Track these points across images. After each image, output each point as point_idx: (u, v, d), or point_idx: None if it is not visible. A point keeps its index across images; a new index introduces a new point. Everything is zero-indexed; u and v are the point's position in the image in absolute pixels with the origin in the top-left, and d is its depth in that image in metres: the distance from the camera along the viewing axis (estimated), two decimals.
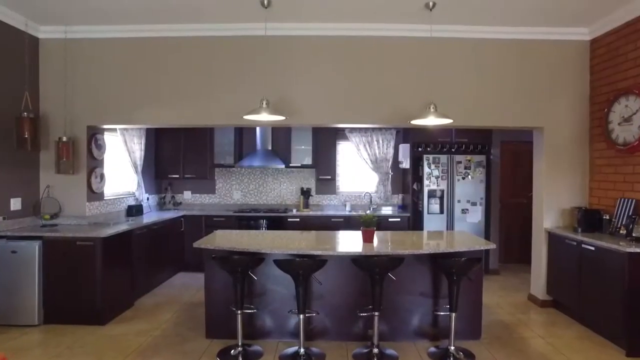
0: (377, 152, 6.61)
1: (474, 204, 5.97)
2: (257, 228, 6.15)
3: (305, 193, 6.64)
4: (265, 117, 4.00)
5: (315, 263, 3.39)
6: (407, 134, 6.38)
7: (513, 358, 3.49)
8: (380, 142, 6.58)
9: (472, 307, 3.81)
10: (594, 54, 4.61)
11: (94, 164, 4.88)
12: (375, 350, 3.45)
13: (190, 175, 6.66)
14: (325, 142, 6.63)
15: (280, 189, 6.93)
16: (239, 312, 3.48)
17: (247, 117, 4.01)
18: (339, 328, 3.79)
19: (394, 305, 3.78)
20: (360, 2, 4.01)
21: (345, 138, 6.69)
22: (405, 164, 6.38)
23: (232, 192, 6.95)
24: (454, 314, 3.47)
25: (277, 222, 6.22)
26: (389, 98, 4.64)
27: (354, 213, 6.32)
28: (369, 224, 3.75)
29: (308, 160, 6.60)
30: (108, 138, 5.30)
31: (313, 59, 4.65)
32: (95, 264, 4.07)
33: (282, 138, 6.75)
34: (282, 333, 3.82)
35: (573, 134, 4.71)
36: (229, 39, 4.64)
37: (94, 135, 4.89)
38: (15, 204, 4.36)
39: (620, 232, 3.97)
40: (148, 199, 6.35)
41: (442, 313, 3.73)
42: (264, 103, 3.96)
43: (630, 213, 3.93)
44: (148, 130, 6.24)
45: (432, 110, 3.96)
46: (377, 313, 3.42)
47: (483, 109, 4.68)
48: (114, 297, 4.34)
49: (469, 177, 5.97)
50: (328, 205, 6.87)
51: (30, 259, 4.02)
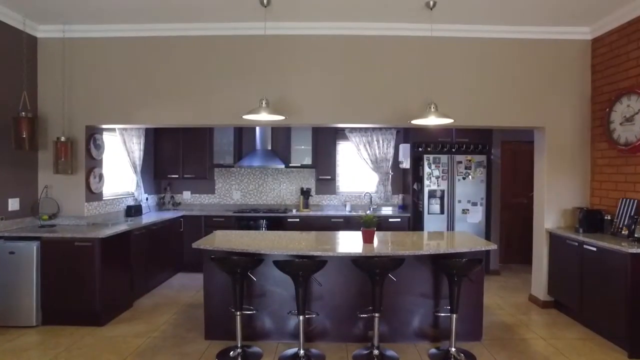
0: (377, 152, 6.59)
1: (475, 204, 5.94)
2: (256, 228, 6.13)
3: (305, 193, 6.62)
4: (265, 116, 3.98)
5: (315, 264, 3.37)
6: (407, 134, 6.35)
7: None
8: (381, 142, 6.56)
9: (472, 308, 3.79)
10: (596, 53, 4.59)
11: (93, 164, 4.86)
12: (376, 352, 3.43)
13: (190, 176, 6.63)
14: (325, 142, 6.61)
15: (280, 189, 6.91)
16: (238, 313, 3.45)
17: (246, 116, 3.99)
18: (339, 329, 3.77)
19: (395, 307, 3.76)
20: (361, 1, 3.98)
21: (345, 138, 6.67)
22: (406, 164, 6.36)
23: (231, 192, 6.93)
24: (455, 315, 3.45)
25: (276, 222, 6.19)
26: (389, 98, 4.62)
27: (354, 213, 6.30)
28: (369, 225, 3.72)
29: (308, 160, 6.58)
30: (107, 138, 5.27)
31: (313, 59, 4.63)
32: (94, 265, 4.05)
33: (281, 138, 6.73)
34: (281, 334, 3.80)
35: (574, 134, 4.69)
36: (228, 38, 4.62)
37: (93, 135, 4.86)
38: (13, 205, 4.33)
39: (622, 232, 3.95)
40: (147, 199, 6.32)
41: (442, 314, 3.71)
42: (264, 103, 3.94)
43: (632, 213, 3.90)
44: (147, 130, 6.22)
45: (432, 110, 3.93)
46: (377, 314, 3.39)
47: (484, 109, 4.65)
48: (113, 298, 4.31)
49: (470, 177, 5.95)
50: (328, 206, 6.85)
51: (28, 260, 4.01)
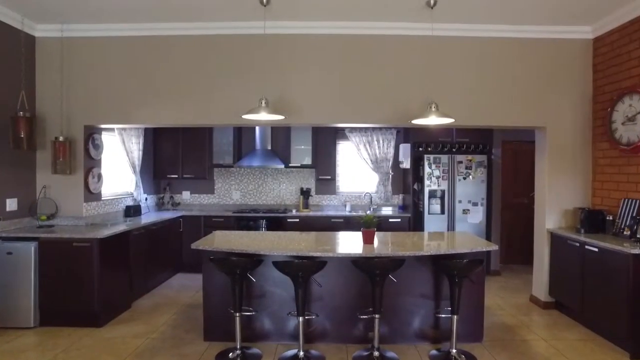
0: (377, 152, 6.56)
1: (475, 204, 5.92)
2: (256, 228, 6.11)
3: (305, 193, 6.59)
4: (265, 116, 3.96)
5: (315, 265, 3.34)
6: (407, 134, 6.33)
7: None
8: (381, 141, 6.53)
9: (473, 309, 3.77)
10: (597, 53, 4.56)
11: (91, 164, 4.83)
12: (376, 353, 3.40)
13: (189, 176, 6.61)
14: (325, 141, 6.59)
15: (280, 189, 6.88)
16: (238, 314, 3.43)
17: (246, 116, 3.97)
18: (339, 330, 3.75)
19: (395, 308, 3.73)
20: (361, 0, 3.95)
21: (345, 138, 6.64)
22: (406, 164, 6.33)
23: (231, 192, 6.90)
24: (456, 317, 3.43)
25: (276, 222, 6.17)
26: (390, 97, 4.59)
27: (354, 213, 6.27)
28: (370, 225, 3.69)
29: (308, 160, 6.55)
30: (106, 138, 5.24)
31: (313, 58, 4.60)
32: (92, 265, 4.03)
33: (281, 138, 6.70)
34: (281, 335, 3.77)
35: (576, 134, 4.66)
36: (228, 38, 4.59)
37: (91, 135, 4.83)
38: (11, 205, 4.31)
39: (624, 233, 3.92)
40: (146, 199, 6.30)
41: (443, 315, 3.68)
42: (263, 102, 3.92)
43: (634, 214, 3.88)
44: (146, 130, 6.19)
45: (433, 110, 3.90)
46: (377, 315, 3.37)
47: (485, 108, 4.62)
48: (111, 298, 4.29)
49: (470, 177, 5.92)
50: (328, 206, 6.82)
51: (26, 260, 3.98)
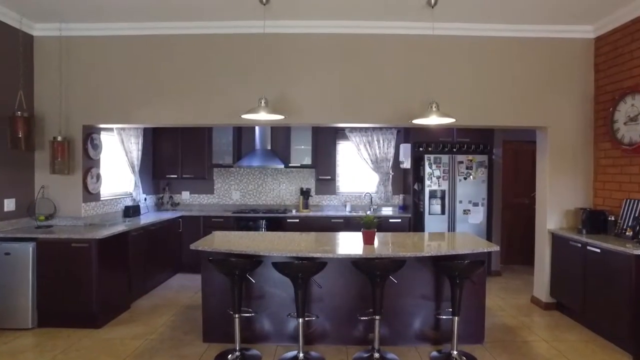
0: (377, 152, 6.53)
1: (476, 205, 5.89)
2: (256, 229, 6.08)
3: (305, 193, 6.56)
4: (264, 116, 3.94)
5: (315, 266, 3.32)
6: (408, 134, 6.30)
7: None
8: (381, 141, 6.50)
9: (474, 310, 3.74)
10: (599, 52, 4.53)
11: (90, 164, 4.80)
12: (376, 355, 3.38)
13: (189, 176, 6.58)
14: (325, 141, 6.56)
15: (280, 189, 6.85)
16: (237, 315, 3.40)
17: (245, 116, 3.94)
18: (339, 332, 3.73)
19: (395, 309, 3.71)
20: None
21: (345, 138, 6.62)
22: (406, 164, 6.30)
23: (230, 192, 6.88)
24: (457, 318, 3.40)
25: (276, 222, 6.14)
26: (390, 97, 4.56)
27: (354, 214, 6.25)
28: (370, 226, 3.67)
29: (308, 160, 6.53)
30: (105, 137, 5.21)
31: (313, 57, 4.57)
32: (91, 266, 4.00)
33: (281, 138, 6.68)
34: (280, 337, 3.75)
35: (577, 134, 4.63)
36: (227, 37, 4.56)
37: (90, 135, 4.81)
38: (9, 205, 4.28)
39: (626, 234, 3.89)
40: (145, 200, 6.27)
41: (444, 316, 3.66)
42: (263, 102, 3.90)
43: (637, 214, 3.85)
44: (145, 130, 6.16)
45: (434, 110, 3.88)
46: (377, 316, 3.34)
47: (486, 108, 4.60)
48: (110, 299, 4.26)
49: (471, 177, 5.89)
50: (328, 206, 6.80)
51: (24, 261, 3.96)
